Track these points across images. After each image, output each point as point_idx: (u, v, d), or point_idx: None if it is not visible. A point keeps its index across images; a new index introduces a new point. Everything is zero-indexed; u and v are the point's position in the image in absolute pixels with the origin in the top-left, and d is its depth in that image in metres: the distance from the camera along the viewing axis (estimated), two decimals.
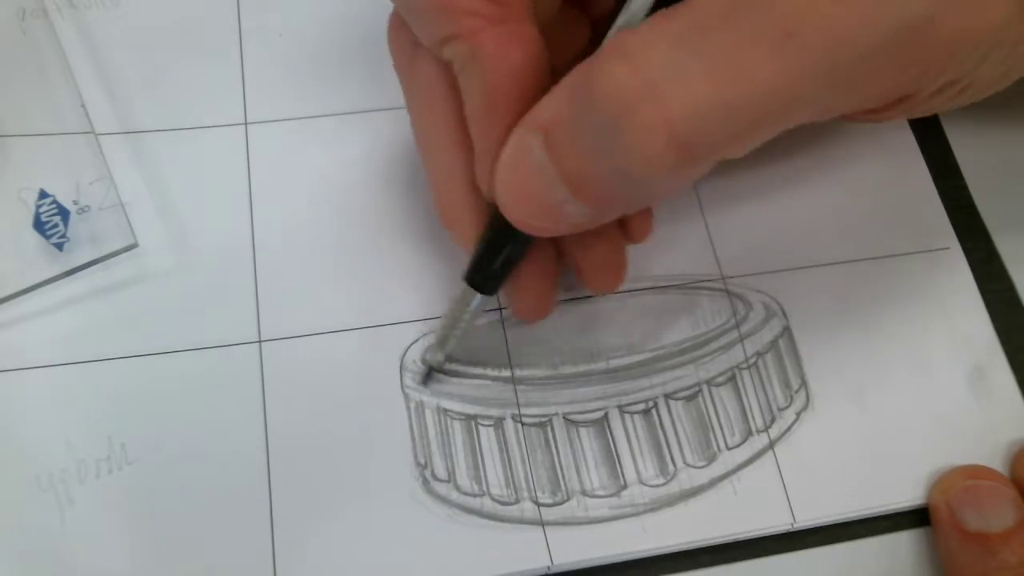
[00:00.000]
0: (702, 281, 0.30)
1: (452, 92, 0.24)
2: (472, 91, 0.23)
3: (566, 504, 0.27)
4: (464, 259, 0.30)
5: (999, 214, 0.32)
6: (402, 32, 0.25)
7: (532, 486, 0.27)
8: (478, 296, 0.26)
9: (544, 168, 0.21)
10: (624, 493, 0.27)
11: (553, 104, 0.21)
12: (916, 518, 0.28)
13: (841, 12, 0.18)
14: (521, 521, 0.27)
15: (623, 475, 0.27)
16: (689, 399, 0.29)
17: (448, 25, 0.22)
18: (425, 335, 0.29)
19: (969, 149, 0.33)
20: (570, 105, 0.21)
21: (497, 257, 0.25)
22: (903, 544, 0.28)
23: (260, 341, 0.28)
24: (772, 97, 0.19)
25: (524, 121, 0.22)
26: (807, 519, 0.27)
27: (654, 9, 0.21)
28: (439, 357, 0.27)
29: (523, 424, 0.28)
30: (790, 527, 0.27)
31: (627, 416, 0.28)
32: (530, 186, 0.22)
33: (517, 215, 0.23)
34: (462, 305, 0.26)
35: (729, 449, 0.28)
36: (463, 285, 0.26)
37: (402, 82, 0.26)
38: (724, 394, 0.29)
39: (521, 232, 0.23)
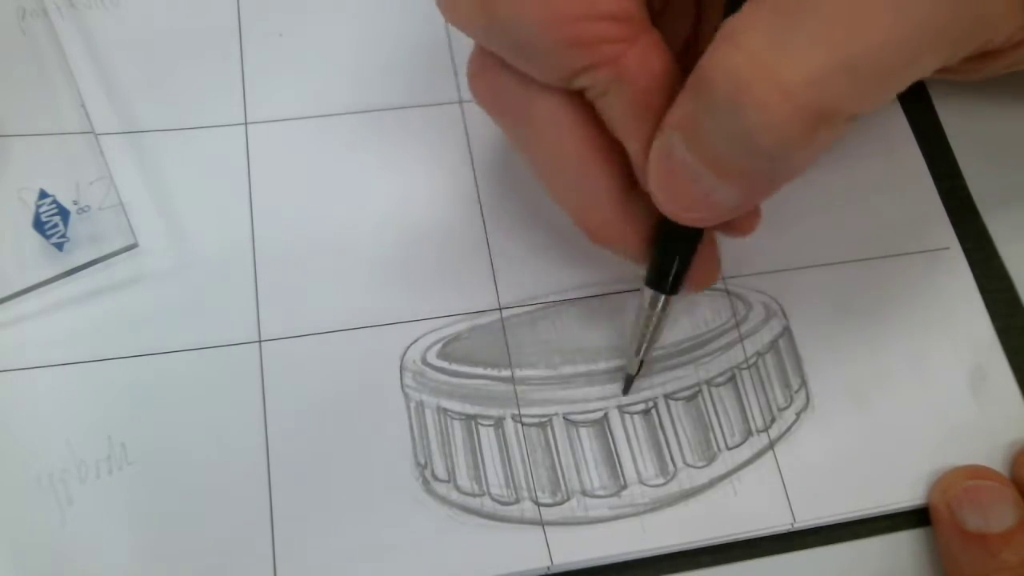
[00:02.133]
0: None
1: (583, 118, 0.24)
2: (623, 110, 0.23)
3: (566, 504, 0.27)
4: (466, 258, 0.30)
5: (999, 214, 0.32)
6: (498, 75, 0.25)
7: (532, 486, 0.27)
8: (663, 297, 0.26)
9: (688, 161, 0.22)
10: (624, 493, 0.27)
11: (684, 101, 0.22)
12: (916, 518, 0.28)
13: None
14: (521, 521, 0.27)
15: (623, 475, 0.27)
16: (689, 399, 0.29)
17: (584, 57, 0.22)
18: (425, 334, 0.29)
19: (969, 149, 0.33)
20: (695, 98, 0.21)
21: (672, 257, 0.26)
22: (903, 544, 0.28)
23: (260, 341, 0.28)
24: (892, 49, 0.19)
25: (663, 123, 0.22)
26: (807, 519, 0.27)
27: None
28: (636, 365, 0.28)
29: (523, 424, 0.28)
30: (790, 527, 0.27)
31: (627, 416, 0.28)
32: (679, 180, 0.22)
33: (674, 209, 0.23)
34: (651, 310, 0.27)
35: (729, 449, 0.28)
36: (647, 291, 0.26)
37: (506, 123, 0.26)
38: (724, 394, 0.29)
39: (688, 228, 0.24)
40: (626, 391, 0.28)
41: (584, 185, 0.25)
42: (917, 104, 0.34)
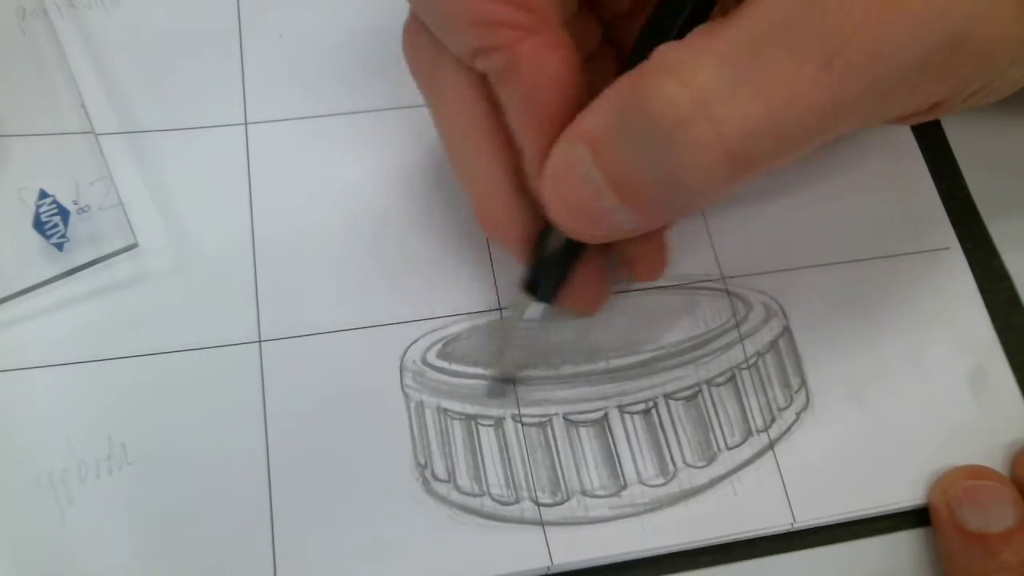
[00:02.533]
0: (702, 281, 0.30)
1: (485, 100, 0.24)
2: (514, 102, 0.23)
3: (566, 504, 0.27)
4: (466, 258, 0.30)
5: (999, 214, 0.32)
6: (421, 38, 0.25)
7: (532, 486, 0.27)
8: (536, 304, 0.26)
9: (592, 178, 0.21)
10: (624, 493, 0.27)
11: (599, 116, 0.21)
12: (916, 518, 0.28)
13: (885, 31, 0.19)
14: (521, 521, 0.27)
15: (623, 475, 0.27)
16: (689, 399, 0.29)
17: (483, 38, 0.22)
18: (425, 334, 0.29)
19: (969, 149, 0.33)
20: (618, 118, 0.21)
21: (552, 264, 0.25)
22: (903, 544, 0.28)
23: (260, 341, 0.28)
24: (820, 113, 0.19)
25: (569, 132, 0.22)
26: (807, 519, 0.27)
27: (688, 20, 0.21)
28: (499, 369, 0.27)
29: (523, 424, 0.28)
30: (790, 527, 0.27)
31: (627, 416, 0.28)
32: (579, 195, 0.22)
33: (568, 224, 0.23)
34: (519, 313, 0.26)
35: (729, 449, 0.28)
36: (520, 293, 0.26)
37: (423, 89, 0.26)
38: (724, 394, 0.29)
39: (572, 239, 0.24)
40: (492, 395, 0.28)
41: (479, 170, 0.25)
42: None
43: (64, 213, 0.28)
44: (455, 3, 0.22)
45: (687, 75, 0.19)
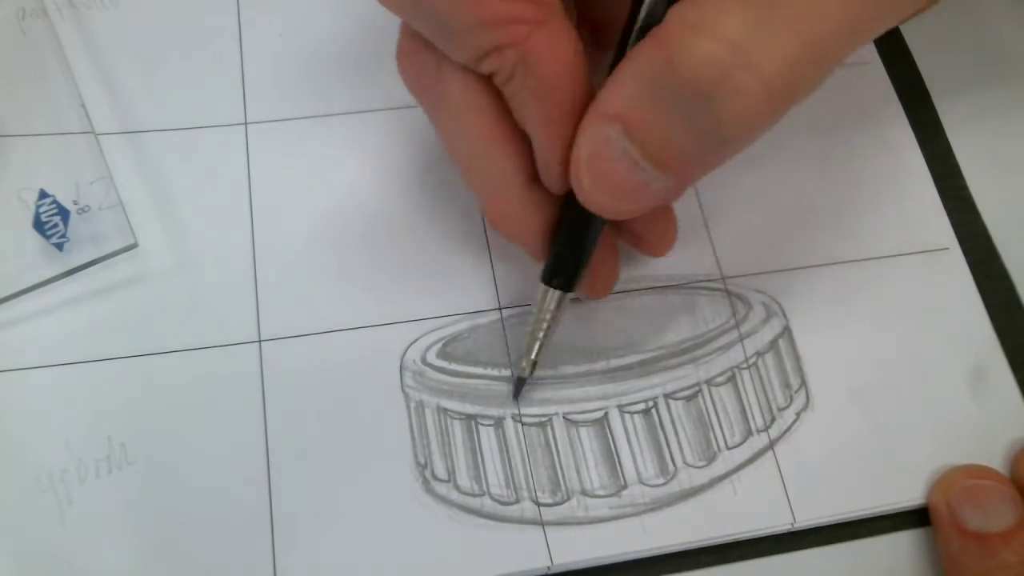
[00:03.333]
0: (702, 281, 0.30)
1: (491, 102, 0.24)
2: (527, 96, 0.23)
3: (566, 504, 0.27)
4: (466, 258, 0.30)
5: (999, 214, 0.32)
6: (417, 57, 0.25)
7: (532, 486, 0.27)
8: (559, 295, 0.26)
9: (628, 154, 0.22)
10: (624, 493, 0.27)
11: (625, 91, 0.21)
12: (916, 518, 0.28)
13: None
14: (521, 521, 0.27)
15: (623, 475, 0.27)
16: (689, 399, 0.29)
17: (492, 37, 0.22)
18: (425, 334, 0.29)
19: (969, 149, 0.33)
20: (647, 89, 0.21)
21: (574, 253, 0.25)
22: (903, 544, 0.28)
23: (260, 341, 0.28)
24: (848, 27, 0.20)
25: (596, 114, 0.22)
26: (807, 519, 0.27)
27: None
28: (526, 367, 0.27)
29: (523, 424, 0.28)
30: (790, 527, 0.27)
31: (627, 416, 0.28)
32: (616, 174, 0.22)
33: (605, 204, 0.23)
34: (545, 308, 0.26)
35: (729, 449, 0.28)
36: (542, 288, 0.26)
37: (426, 103, 0.26)
38: (724, 394, 0.29)
39: (595, 222, 0.25)
40: (516, 395, 0.28)
41: (489, 171, 0.25)
42: (918, 104, 0.34)
43: (64, 213, 0.28)
44: (462, 9, 0.22)
45: (715, 28, 0.20)
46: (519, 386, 0.28)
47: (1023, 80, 0.35)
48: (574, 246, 0.25)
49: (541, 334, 0.27)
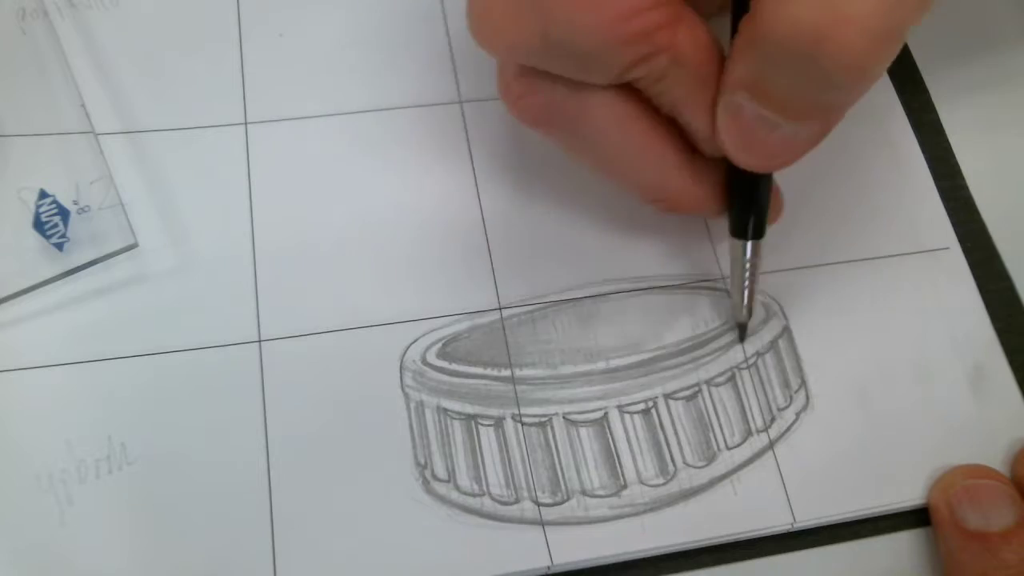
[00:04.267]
0: (702, 281, 0.30)
1: (638, 104, 0.25)
2: (680, 88, 0.24)
3: (566, 504, 0.27)
4: (466, 258, 0.30)
5: (999, 214, 0.32)
6: (539, 96, 0.25)
7: (532, 486, 0.27)
8: (754, 243, 0.27)
9: (761, 115, 0.23)
10: (624, 493, 0.27)
11: (741, 60, 0.23)
12: (916, 518, 0.28)
13: None
14: (521, 521, 0.27)
15: (623, 475, 0.27)
16: (689, 399, 0.29)
17: (639, 50, 0.23)
18: (425, 334, 0.29)
19: (969, 149, 0.33)
20: (759, 56, 0.22)
21: (756, 205, 0.27)
22: (903, 544, 0.28)
23: (260, 341, 0.28)
24: None
25: (724, 86, 0.24)
26: (807, 519, 0.27)
27: None
28: (744, 315, 0.29)
29: (523, 424, 0.28)
30: (790, 527, 0.27)
31: (627, 416, 0.28)
32: (757, 133, 0.24)
33: (755, 162, 0.25)
34: (742, 259, 0.28)
35: (729, 449, 0.28)
36: (739, 243, 0.28)
37: (558, 134, 0.27)
38: (724, 394, 0.29)
39: (763, 176, 0.26)
40: (742, 339, 0.29)
41: (653, 165, 0.26)
42: (918, 103, 0.34)
43: (64, 213, 0.28)
44: (605, 33, 0.22)
45: None
46: (743, 331, 0.29)
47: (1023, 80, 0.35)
48: (753, 200, 0.27)
49: (746, 283, 0.28)
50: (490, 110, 0.32)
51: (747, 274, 0.28)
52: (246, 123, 0.31)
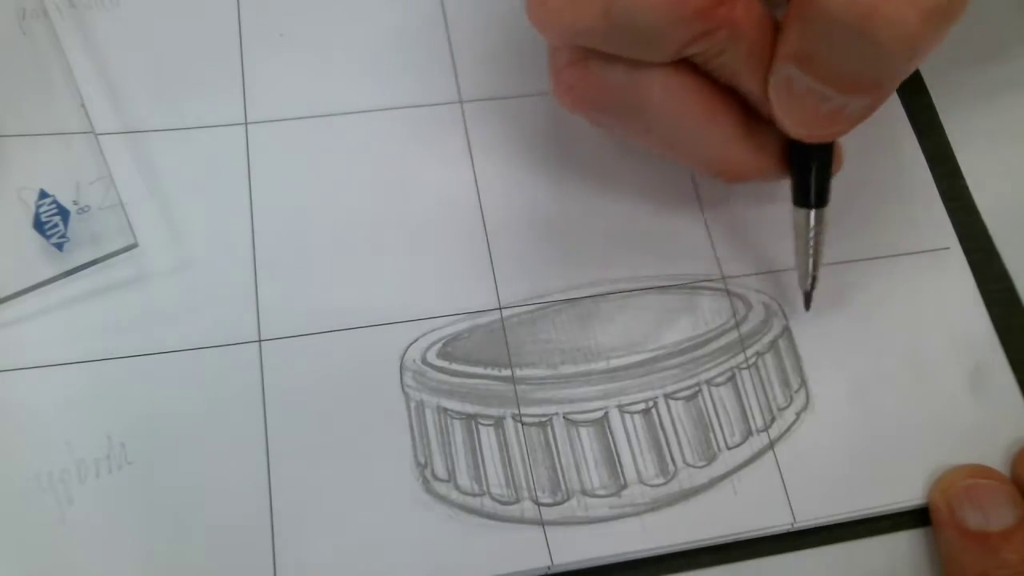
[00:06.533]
0: (702, 281, 0.30)
1: (697, 79, 0.26)
2: (739, 62, 0.24)
3: (566, 504, 0.27)
4: (466, 258, 0.30)
5: (999, 214, 0.32)
6: (594, 80, 0.26)
7: (532, 486, 0.27)
8: (818, 212, 0.27)
9: (813, 87, 0.23)
10: (624, 493, 0.27)
11: (792, 34, 0.23)
12: (916, 518, 0.28)
13: None
14: (521, 521, 0.27)
15: (623, 475, 0.27)
16: (689, 399, 0.29)
17: (700, 26, 0.23)
18: (425, 334, 0.29)
19: (970, 149, 0.33)
20: (808, 30, 0.23)
21: (818, 173, 0.27)
22: (903, 544, 0.28)
23: (260, 341, 0.28)
24: None
25: (776, 59, 0.24)
26: (807, 519, 0.27)
27: None
28: (808, 284, 0.29)
29: (523, 424, 0.28)
30: (790, 527, 0.27)
31: (627, 416, 0.28)
32: (808, 105, 0.24)
33: (808, 132, 0.25)
34: (805, 228, 0.28)
35: (729, 449, 0.28)
36: (803, 212, 0.27)
37: (615, 116, 0.27)
38: (724, 394, 0.29)
39: (822, 145, 0.26)
40: (808, 306, 0.29)
41: (716, 138, 0.27)
42: (918, 103, 0.34)
43: (64, 213, 0.28)
44: (670, 12, 0.23)
45: None
46: (808, 299, 0.29)
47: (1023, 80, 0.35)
48: (814, 168, 0.27)
49: (811, 251, 0.28)
50: (490, 110, 0.32)
51: (811, 243, 0.28)
52: (246, 123, 0.31)
